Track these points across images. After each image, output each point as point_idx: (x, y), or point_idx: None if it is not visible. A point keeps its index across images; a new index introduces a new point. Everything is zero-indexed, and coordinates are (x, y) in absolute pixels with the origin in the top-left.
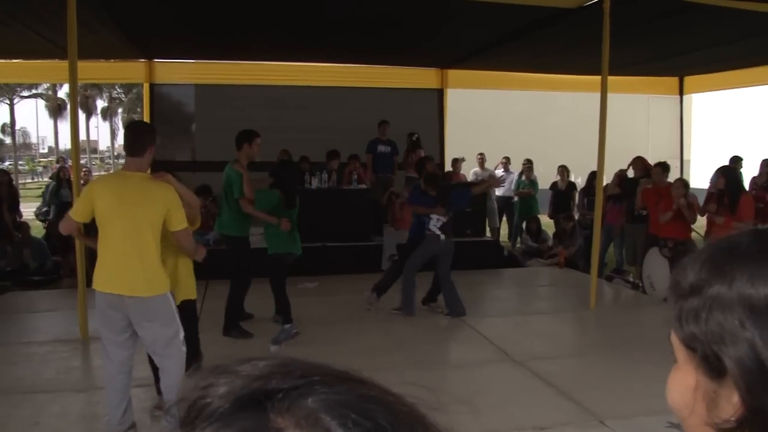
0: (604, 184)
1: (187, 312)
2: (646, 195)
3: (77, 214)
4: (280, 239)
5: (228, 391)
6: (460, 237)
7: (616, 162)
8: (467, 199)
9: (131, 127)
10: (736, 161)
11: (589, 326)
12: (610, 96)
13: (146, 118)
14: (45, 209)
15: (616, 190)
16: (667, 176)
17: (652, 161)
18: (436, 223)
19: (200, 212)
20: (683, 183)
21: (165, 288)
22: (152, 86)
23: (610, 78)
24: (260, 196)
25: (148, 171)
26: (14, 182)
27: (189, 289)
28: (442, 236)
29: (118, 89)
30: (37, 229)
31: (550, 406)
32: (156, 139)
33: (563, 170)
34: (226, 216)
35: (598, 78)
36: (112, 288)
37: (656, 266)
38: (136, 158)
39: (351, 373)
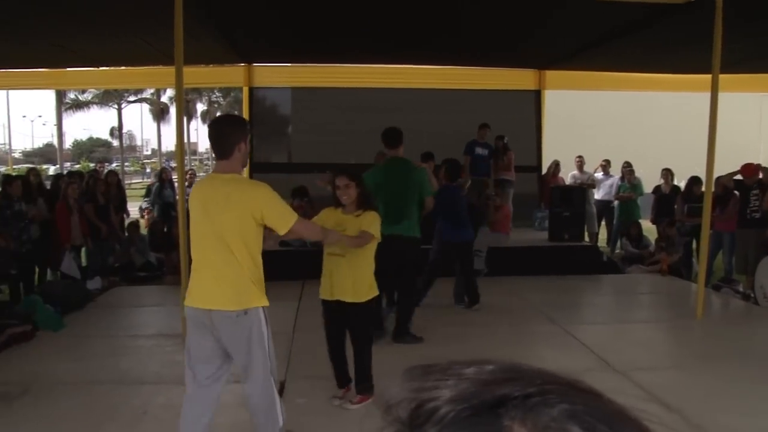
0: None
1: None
2: None
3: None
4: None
5: (456, 396)
6: (558, 241)
7: (724, 164)
8: None
9: (213, 125)
10: None
11: (696, 337)
12: (719, 95)
13: None
14: (146, 206)
15: (731, 183)
16: None
17: (764, 164)
18: None
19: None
20: None
21: (254, 302)
22: (251, 89)
23: (722, 76)
24: None
25: (243, 171)
26: (122, 182)
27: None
28: None
29: (216, 93)
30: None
31: (654, 421)
32: (245, 132)
33: (667, 173)
34: (413, 217)
35: (704, 77)
36: (197, 302)
37: None
38: (224, 161)
39: (584, 384)
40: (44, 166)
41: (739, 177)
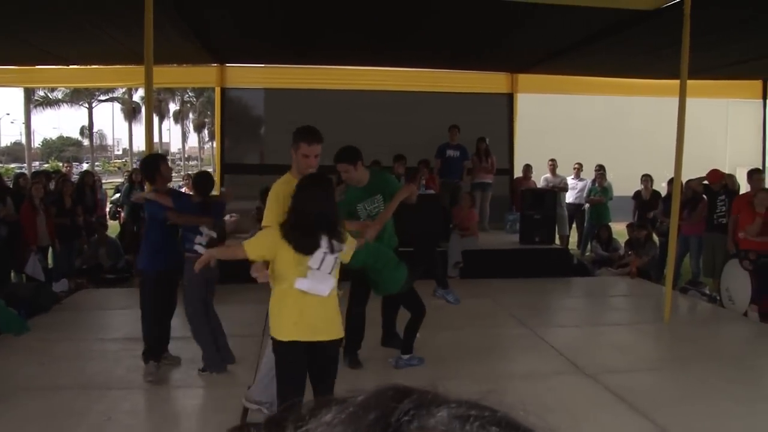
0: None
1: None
2: (739, 203)
3: None
4: None
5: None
6: (529, 244)
7: (693, 169)
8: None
9: None
10: None
11: (664, 340)
12: (687, 100)
13: (217, 122)
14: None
15: (700, 188)
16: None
17: (730, 169)
18: (202, 240)
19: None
20: None
21: None
22: (223, 90)
23: (690, 82)
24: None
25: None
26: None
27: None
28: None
29: (189, 93)
30: (113, 228)
31: (623, 424)
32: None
33: (647, 179)
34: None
35: (676, 82)
36: None
37: (736, 278)
38: None
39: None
40: (11, 165)
41: (707, 182)
